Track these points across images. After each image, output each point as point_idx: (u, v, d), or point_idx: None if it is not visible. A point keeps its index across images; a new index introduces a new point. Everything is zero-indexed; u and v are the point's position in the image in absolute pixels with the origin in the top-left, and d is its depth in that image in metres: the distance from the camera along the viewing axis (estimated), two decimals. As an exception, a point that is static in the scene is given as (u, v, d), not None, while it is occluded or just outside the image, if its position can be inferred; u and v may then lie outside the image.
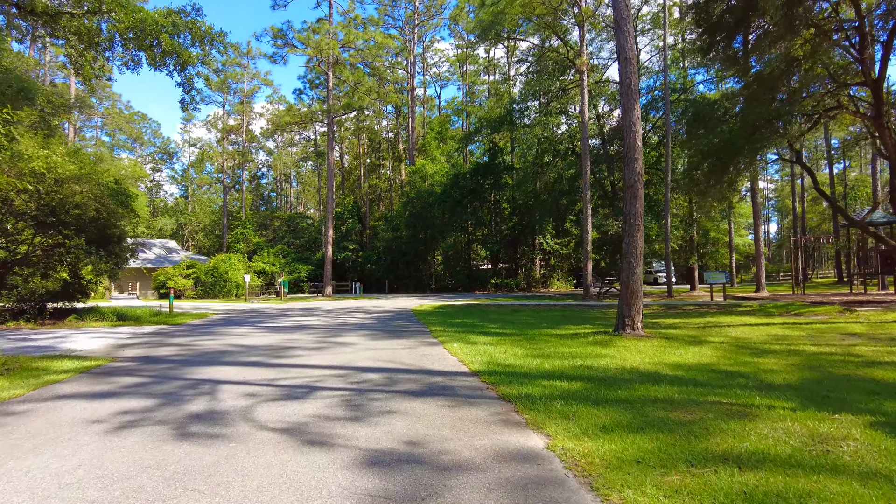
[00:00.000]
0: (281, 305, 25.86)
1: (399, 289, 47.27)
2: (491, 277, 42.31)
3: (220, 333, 12.57)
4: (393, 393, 5.94)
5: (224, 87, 59.01)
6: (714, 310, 19.70)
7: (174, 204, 74.08)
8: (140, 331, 13.42)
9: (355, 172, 67.12)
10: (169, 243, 57.19)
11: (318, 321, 16.02)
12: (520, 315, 18.35)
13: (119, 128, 67.04)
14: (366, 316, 18.09)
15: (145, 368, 7.73)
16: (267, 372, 7.34)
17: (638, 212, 11.59)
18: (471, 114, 51.63)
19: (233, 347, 10.00)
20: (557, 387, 6.18)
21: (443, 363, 7.98)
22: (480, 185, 41.67)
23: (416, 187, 45.18)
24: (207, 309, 22.95)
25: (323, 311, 20.83)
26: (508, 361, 8.02)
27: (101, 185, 15.50)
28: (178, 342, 10.89)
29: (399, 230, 48.05)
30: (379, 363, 8.01)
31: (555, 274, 46.18)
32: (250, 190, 73.77)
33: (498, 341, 10.56)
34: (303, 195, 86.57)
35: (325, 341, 10.88)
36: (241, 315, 19.21)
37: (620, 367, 7.55)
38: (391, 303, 27.38)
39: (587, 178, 28.27)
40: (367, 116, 61.98)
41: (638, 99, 11.90)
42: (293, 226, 62.57)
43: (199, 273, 36.64)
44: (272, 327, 14.08)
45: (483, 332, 12.16)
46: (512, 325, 14.25)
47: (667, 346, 9.96)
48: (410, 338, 11.31)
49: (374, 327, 13.89)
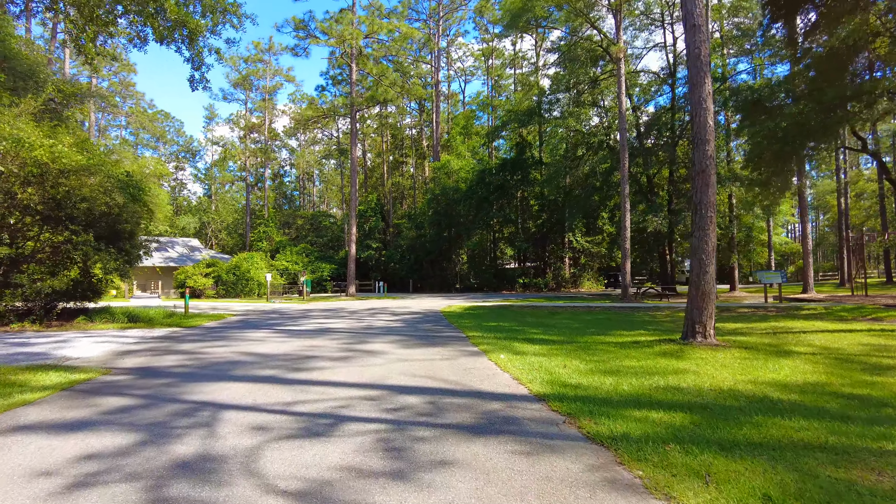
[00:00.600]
0: (303, 306, 24.75)
1: (423, 288, 45.99)
2: (518, 277, 40.71)
3: (235, 338, 11.35)
4: (442, 429, 4.55)
5: (246, 84, 58.45)
6: (773, 313, 17.90)
7: (197, 203, 74.01)
8: (149, 334, 12.30)
9: (378, 170, 66.09)
10: (192, 242, 56.83)
11: (341, 324, 14.75)
12: (559, 318, 16.84)
13: (143, 126, 67.09)
14: (392, 318, 16.78)
15: (139, 385, 6.48)
16: (282, 392, 6.02)
17: (710, 201, 10.03)
18: (497, 108, 50.07)
19: (246, 356, 8.73)
20: (655, 419, 4.73)
21: (494, 381, 6.57)
22: (508, 180, 40.12)
23: (440, 184, 43.82)
24: (226, 309, 21.91)
25: (347, 313, 19.59)
26: (574, 380, 6.58)
27: (110, 178, 14.46)
28: (186, 349, 9.68)
29: (423, 228, 46.76)
30: (416, 380, 6.64)
31: (585, 273, 44.38)
32: (273, 188, 73.32)
33: (549, 351, 9.11)
34: (325, 194, 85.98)
35: (351, 349, 9.56)
36: (261, 316, 18.07)
37: (715, 389, 6.10)
38: (417, 303, 26.08)
39: (625, 171, 26.56)
40: (389, 113, 60.91)
41: (709, 71, 10.31)
42: (316, 224, 61.81)
43: (220, 272, 35.82)
44: (292, 331, 12.84)
45: (528, 340, 10.71)
46: (556, 331, 12.77)
47: (750, 357, 8.44)
48: (447, 345, 9.93)
49: (403, 332, 12.54)
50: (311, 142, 78.07)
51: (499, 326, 13.84)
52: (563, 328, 13.50)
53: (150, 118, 67.57)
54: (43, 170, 12.75)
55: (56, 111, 16.90)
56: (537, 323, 15.08)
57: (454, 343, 10.31)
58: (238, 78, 57.42)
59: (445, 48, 54.16)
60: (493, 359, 8.25)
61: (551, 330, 12.92)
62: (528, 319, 16.38)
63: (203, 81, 12.69)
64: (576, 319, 16.64)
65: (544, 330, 12.95)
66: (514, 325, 14.45)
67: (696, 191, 10.21)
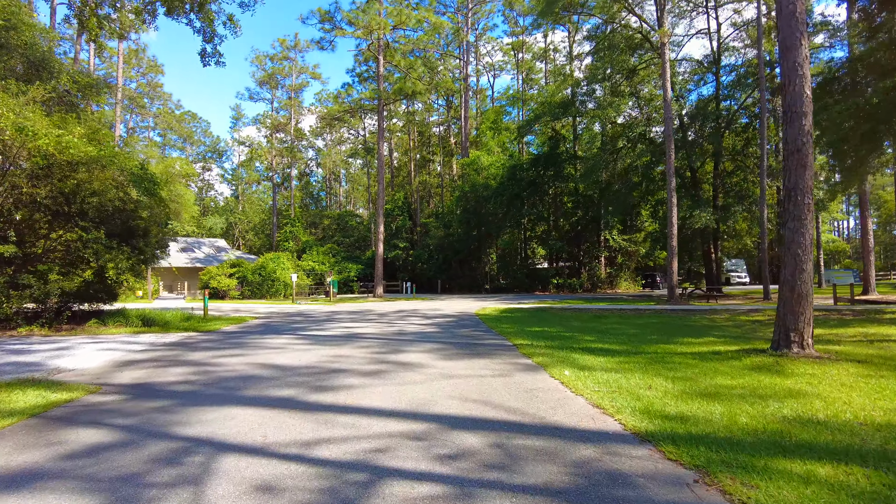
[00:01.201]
0: (329, 307, 23.62)
1: (452, 289, 44.65)
2: (552, 277, 39.01)
3: (253, 346, 10.14)
4: (527, 496, 3.13)
5: (272, 82, 57.98)
6: (850, 316, 15.96)
7: (224, 203, 74.13)
8: (161, 340, 11.19)
9: (404, 169, 65.02)
10: (218, 242, 56.64)
11: (370, 328, 13.46)
12: (608, 322, 15.26)
13: (170, 127, 67.37)
14: (425, 322, 15.44)
15: (127, 410, 5.24)
16: (301, 423, 4.69)
17: (807, 186, 8.40)
18: (527, 102, 48.38)
19: (262, 369, 7.47)
20: (826, 479, 3.32)
21: (569, 409, 5.14)
22: (541, 176, 38.46)
23: (469, 181, 42.38)
24: (249, 312, 20.89)
25: (375, 315, 18.33)
26: (671, 407, 5.13)
27: (123, 171, 13.47)
28: (195, 359, 8.48)
29: (451, 227, 45.41)
30: (470, 406, 5.24)
31: (622, 273, 42.40)
32: (300, 188, 72.95)
33: (619, 365, 7.63)
34: (352, 194, 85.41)
35: (383, 360, 8.23)
36: (284, 319, 16.93)
37: (867, 422, 4.62)
38: (448, 305, 24.71)
39: (671, 162, 24.73)
40: (416, 111, 59.76)
41: (805, 31, 8.67)
42: (342, 224, 61.04)
43: (245, 272, 35.08)
44: (316, 337, 11.59)
45: (586, 350, 9.22)
46: (612, 338, 11.24)
47: (873, 375, 6.86)
48: (495, 356, 8.52)
49: (439, 338, 11.17)
50: (337, 141, 77.54)
51: (545, 332, 12.36)
52: (618, 334, 11.96)
53: (177, 119, 67.84)
54: (49, 161, 11.78)
55: (72, 104, 16.03)
56: (586, 328, 13.55)
57: (502, 353, 8.89)
58: (263, 76, 56.96)
59: (474, 42, 52.72)
60: (555, 375, 6.81)
61: (607, 337, 11.39)
62: (573, 324, 14.85)
63: (216, 56, 11.58)
64: (627, 323, 15.04)
65: (599, 337, 11.42)
66: (562, 330, 12.95)
67: (788, 173, 8.57)
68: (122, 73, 56.97)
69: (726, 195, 29.08)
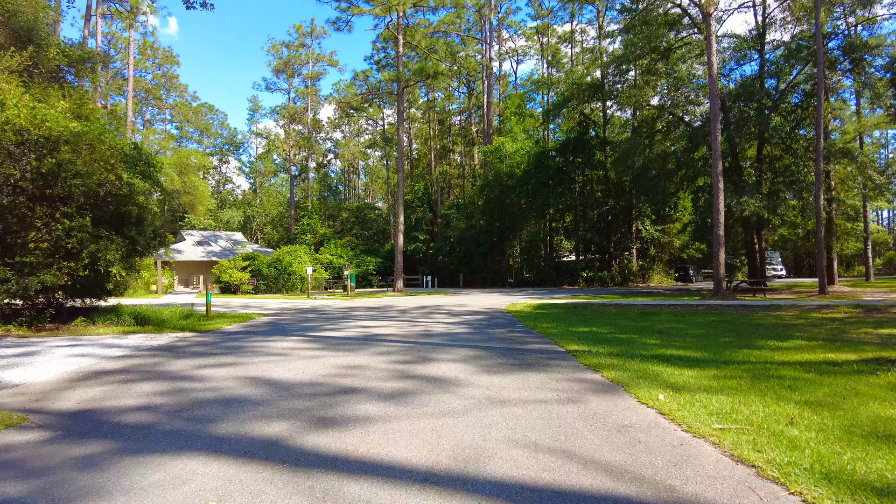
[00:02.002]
0: (346, 303, 22.01)
1: (474, 283, 42.85)
2: (582, 270, 36.98)
3: (250, 352, 8.48)
4: None
5: (288, 70, 56.49)
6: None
7: (242, 197, 73.27)
8: (148, 343, 9.61)
9: (424, 159, 63.21)
10: (235, 235, 55.55)
11: (390, 328, 11.73)
12: (661, 321, 13.32)
13: (187, 120, 66.49)
14: (453, 320, 13.66)
15: (34, 463, 3.55)
16: (285, 498, 2.95)
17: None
18: (554, 86, 46.07)
19: (253, 387, 5.77)
20: None
21: (700, 467, 3.32)
22: (569, 163, 36.33)
23: (493, 169, 40.42)
24: (259, 308, 19.35)
25: (396, 312, 16.61)
26: (857, 463, 3.33)
27: (113, 150, 11.90)
28: (174, 371, 6.82)
29: (473, 218, 43.58)
30: (544, 462, 3.44)
31: (654, 266, 40.13)
32: (318, 180, 71.72)
33: (717, 381, 5.79)
34: (370, 186, 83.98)
35: (408, 373, 6.48)
36: (295, 317, 15.31)
37: None
38: (474, 300, 22.92)
39: (717, 144, 22.52)
40: (436, 101, 57.87)
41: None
42: (361, 217, 59.61)
43: (260, 266, 33.70)
44: (328, 340, 9.89)
45: (658, 358, 7.35)
46: (679, 341, 9.37)
47: None
48: (550, 368, 6.70)
49: (474, 342, 9.38)
50: (355, 133, 76.07)
51: (596, 334, 10.50)
52: (682, 336, 10.05)
53: (193, 111, 66.92)
54: (23, 137, 10.24)
55: (61, 79, 14.54)
56: (641, 328, 11.64)
57: (558, 364, 7.06)
58: (279, 64, 55.47)
59: (496, 27, 50.55)
60: (645, 400, 4.98)
61: (672, 340, 9.49)
62: (622, 323, 12.95)
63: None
64: (684, 321, 13.09)
65: (663, 340, 9.53)
66: (613, 331, 11.07)
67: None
68: (137, 65, 56.12)
69: (774, 181, 26.68)
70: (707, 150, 29.01)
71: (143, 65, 57.38)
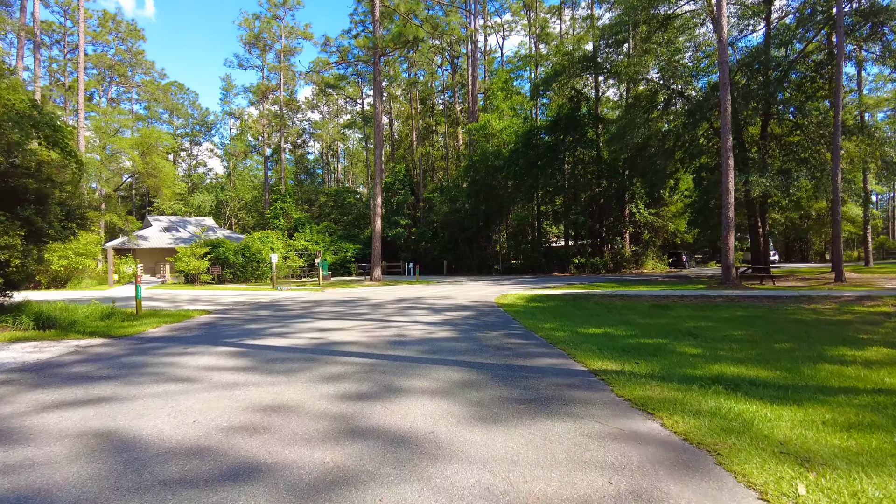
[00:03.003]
0: (314, 295, 19.55)
1: (458, 270, 40.56)
2: (573, 256, 34.84)
3: (148, 374, 6.03)
4: None
5: (259, 43, 53.11)
6: None
7: (215, 181, 69.87)
8: (21, 358, 7.09)
9: (406, 141, 60.38)
10: (205, 221, 52.51)
11: (354, 332, 9.32)
12: (680, 316, 11.12)
13: (155, 99, 62.72)
14: (434, 318, 11.28)
15: None
16: None
17: None
18: (542, 60, 43.43)
19: (83, 464, 3.33)
20: None
21: None
22: (560, 142, 33.97)
23: (479, 148, 37.93)
24: (210, 302, 16.78)
25: (367, 307, 14.19)
26: None
27: None
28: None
29: (458, 201, 41.14)
30: None
31: (648, 251, 38.15)
32: (295, 163, 68.53)
33: (862, 441, 3.45)
34: (350, 170, 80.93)
35: (357, 426, 4.04)
36: (244, 315, 12.82)
37: None
38: (459, 290, 20.59)
39: (727, 117, 20.31)
40: (418, 80, 54.91)
41: None
42: (340, 201, 56.80)
43: (226, 253, 30.97)
44: (265, 353, 7.48)
45: (722, 382, 5.05)
46: (724, 347, 7.14)
47: None
48: (577, 412, 4.31)
49: (460, 355, 7.01)
50: (334, 113, 72.85)
51: (611, 338, 8.25)
52: (723, 341, 7.83)
53: (162, 89, 63.11)
54: None
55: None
56: (661, 327, 9.41)
57: (585, 398, 4.70)
58: (250, 35, 52.05)
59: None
60: (775, 496, 2.67)
61: (716, 347, 7.24)
62: (635, 319, 10.73)
63: None
64: (709, 318, 10.88)
65: (702, 347, 7.29)
66: (632, 332, 8.83)
67: None
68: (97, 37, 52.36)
69: (784, 159, 24.64)
70: (709, 126, 26.89)
71: (104, 38, 53.49)
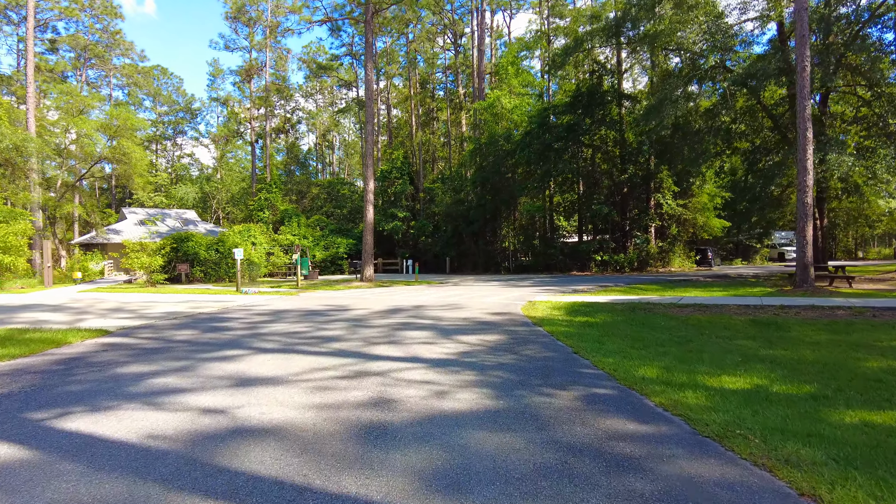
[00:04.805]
0: (284, 301, 15.33)
1: (463, 268, 36.32)
2: (594, 253, 30.58)
3: None
4: None
5: (243, 17, 48.75)
6: None
7: (200, 172, 65.53)
8: None
9: (405, 129, 56.04)
10: (186, 214, 48.24)
11: (297, 391, 5.05)
12: (813, 341, 6.90)
13: (136, 83, 58.31)
14: (443, 351, 6.98)
15: None
16: None
17: None
18: (558, 34, 38.92)
19: None
20: None
21: None
22: (581, 121, 29.63)
23: (486, 130, 33.60)
24: (135, 312, 12.49)
25: (344, 324, 9.92)
26: None
27: None
28: None
29: (462, 191, 36.87)
30: None
31: (675, 248, 33.94)
32: (286, 151, 64.20)
33: None
34: (346, 161, 76.61)
35: None
36: (159, 336, 8.61)
37: None
38: (469, 295, 16.35)
39: (806, 77, 16.00)
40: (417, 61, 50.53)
41: None
42: (333, 193, 52.58)
43: (196, 248, 26.75)
44: (58, 477, 3.26)
45: None
46: None
47: None
48: None
49: (520, 492, 2.80)
50: (329, 103, 68.58)
51: (773, 398, 4.03)
52: None
53: (142, 73, 58.68)
54: None
55: None
56: (815, 364, 5.20)
57: None
58: (234, 8, 47.68)
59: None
60: None
61: None
62: (748, 346, 6.61)
63: None
64: (864, 347, 6.68)
65: None
66: (791, 381, 4.60)
67: None
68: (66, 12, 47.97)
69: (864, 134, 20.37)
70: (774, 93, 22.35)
71: (75, 14, 49.04)
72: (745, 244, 48.26)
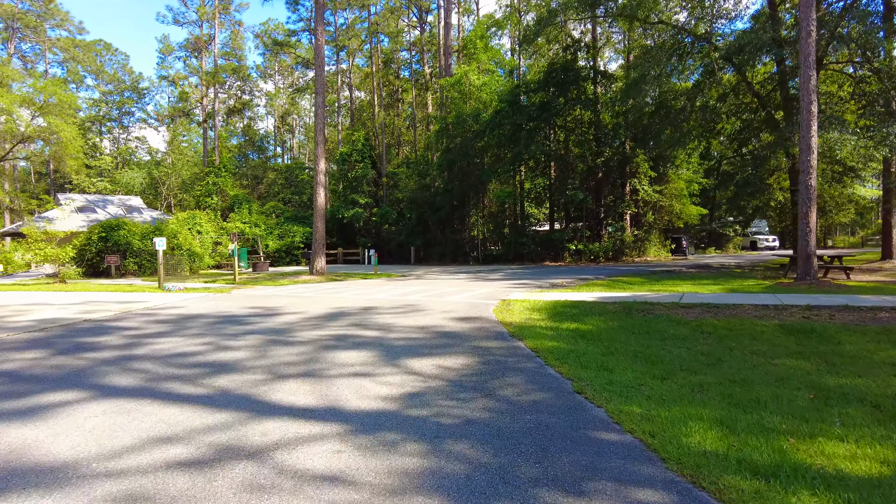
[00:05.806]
0: (208, 303, 12.78)
1: (429, 258, 34.04)
2: (568, 242, 28.68)
3: None
4: None
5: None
6: None
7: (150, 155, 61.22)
8: None
9: (368, 111, 53.13)
10: (131, 200, 44.48)
11: None
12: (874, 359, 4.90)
13: (74, 58, 53.60)
14: (376, 396, 4.66)
15: None
16: None
17: None
18: (528, 13, 36.64)
19: None
20: None
21: None
22: (555, 100, 27.56)
23: (454, 109, 31.22)
24: (19, 314, 9.84)
25: (257, 341, 7.49)
26: None
27: None
28: None
29: (428, 176, 34.50)
30: None
31: (651, 236, 32.39)
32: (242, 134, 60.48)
33: None
34: (307, 145, 73.08)
35: None
36: (10, 353, 6.11)
37: None
38: (432, 291, 14.09)
39: (811, 42, 14.24)
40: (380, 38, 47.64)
41: None
42: (291, 178, 49.54)
43: (129, 237, 23.75)
44: None
45: None
46: None
47: None
48: None
49: None
50: (289, 86, 64.94)
51: None
52: None
53: (82, 47, 53.98)
54: None
55: None
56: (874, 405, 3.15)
57: None
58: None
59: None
60: None
61: None
62: (822, 376, 4.48)
63: None
64: None
65: None
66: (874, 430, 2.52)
67: None
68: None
69: (862, 111, 18.85)
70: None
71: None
72: (719, 232, 47.35)
